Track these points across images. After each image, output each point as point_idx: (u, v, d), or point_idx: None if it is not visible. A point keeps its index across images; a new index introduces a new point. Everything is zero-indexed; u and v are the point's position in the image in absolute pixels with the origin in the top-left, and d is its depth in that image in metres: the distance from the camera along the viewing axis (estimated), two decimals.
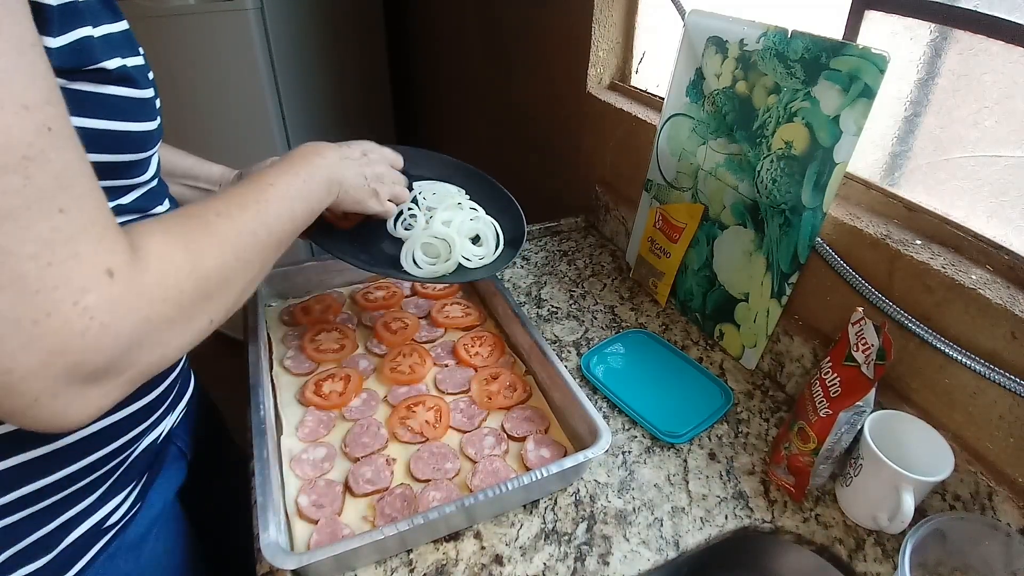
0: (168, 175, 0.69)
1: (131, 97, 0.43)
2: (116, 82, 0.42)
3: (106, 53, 0.40)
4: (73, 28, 0.38)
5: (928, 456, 0.56)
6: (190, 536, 0.64)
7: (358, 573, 0.54)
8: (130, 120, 0.43)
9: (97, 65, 0.40)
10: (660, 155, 0.89)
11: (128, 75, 0.43)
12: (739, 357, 0.81)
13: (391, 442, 0.65)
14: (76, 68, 0.39)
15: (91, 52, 0.39)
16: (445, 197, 0.74)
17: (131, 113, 0.43)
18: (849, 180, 0.70)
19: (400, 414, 0.67)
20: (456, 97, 1.83)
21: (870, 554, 0.57)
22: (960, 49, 0.59)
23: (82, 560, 0.50)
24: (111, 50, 0.41)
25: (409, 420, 0.67)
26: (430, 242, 0.70)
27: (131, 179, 0.47)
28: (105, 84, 0.41)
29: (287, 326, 0.82)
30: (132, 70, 0.43)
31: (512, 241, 0.73)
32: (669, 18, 0.93)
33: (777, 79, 0.68)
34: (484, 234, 0.73)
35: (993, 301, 0.53)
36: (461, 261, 0.69)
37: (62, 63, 0.37)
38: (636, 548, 0.57)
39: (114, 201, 0.46)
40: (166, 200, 0.54)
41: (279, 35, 1.62)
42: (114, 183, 0.46)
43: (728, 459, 0.67)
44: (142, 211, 0.49)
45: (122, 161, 0.45)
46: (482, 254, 0.71)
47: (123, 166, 0.45)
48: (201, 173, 0.71)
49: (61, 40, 0.37)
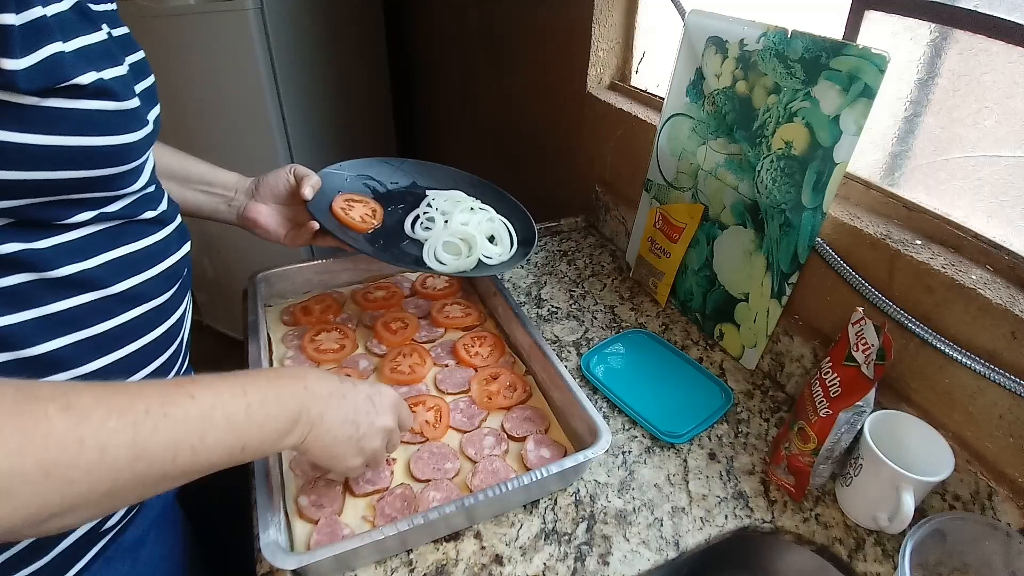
0: (183, 181, 0.69)
1: (110, 110, 0.42)
2: (93, 96, 0.40)
3: (79, 68, 0.39)
4: (41, 46, 0.37)
5: (928, 456, 0.56)
6: (188, 539, 0.63)
7: (358, 573, 0.54)
8: (109, 134, 0.42)
9: (70, 82, 0.38)
10: (660, 155, 0.89)
11: (106, 88, 0.41)
12: (739, 357, 0.81)
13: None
14: (47, 87, 0.37)
15: (62, 69, 0.38)
16: (458, 202, 0.78)
17: (110, 126, 0.42)
18: (849, 180, 0.70)
19: None
20: (456, 97, 1.83)
21: (870, 554, 0.57)
22: (960, 49, 0.59)
23: (78, 564, 0.49)
24: (86, 64, 0.40)
25: None
26: (451, 240, 0.74)
27: (117, 190, 0.46)
28: (80, 99, 0.39)
29: (287, 326, 0.82)
30: (111, 82, 0.41)
31: (524, 241, 0.78)
32: (669, 18, 0.93)
33: (777, 79, 0.68)
34: (499, 233, 0.78)
35: (993, 301, 0.53)
36: (481, 258, 0.74)
37: (30, 84, 0.36)
38: (636, 548, 0.57)
39: (97, 209, 0.45)
40: (160, 204, 0.53)
41: (279, 35, 1.62)
42: (96, 195, 0.44)
43: (728, 459, 0.67)
44: (130, 217, 0.48)
45: (103, 175, 0.43)
46: (499, 252, 0.76)
47: (105, 179, 0.44)
48: (216, 180, 0.71)
49: (27, 60, 0.36)
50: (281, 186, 0.72)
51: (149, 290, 0.50)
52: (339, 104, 1.90)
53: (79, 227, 0.44)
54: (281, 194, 0.73)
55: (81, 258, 0.44)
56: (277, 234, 0.73)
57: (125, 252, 0.48)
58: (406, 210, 0.79)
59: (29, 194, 0.40)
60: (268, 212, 0.73)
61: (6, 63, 0.35)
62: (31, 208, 0.40)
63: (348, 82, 1.92)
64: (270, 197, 0.73)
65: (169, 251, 0.53)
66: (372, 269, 0.92)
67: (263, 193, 0.72)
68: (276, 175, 0.72)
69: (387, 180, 0.83)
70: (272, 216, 0.73)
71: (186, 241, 0.56)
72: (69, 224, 0.44)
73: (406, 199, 0.81)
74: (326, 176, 0.75)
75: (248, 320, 0.76)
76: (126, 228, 0.48)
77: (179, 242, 0.55)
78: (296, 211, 0.74)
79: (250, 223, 0.72)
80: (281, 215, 0.73)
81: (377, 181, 0.82)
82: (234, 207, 0.72)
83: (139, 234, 0.49)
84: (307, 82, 1.76)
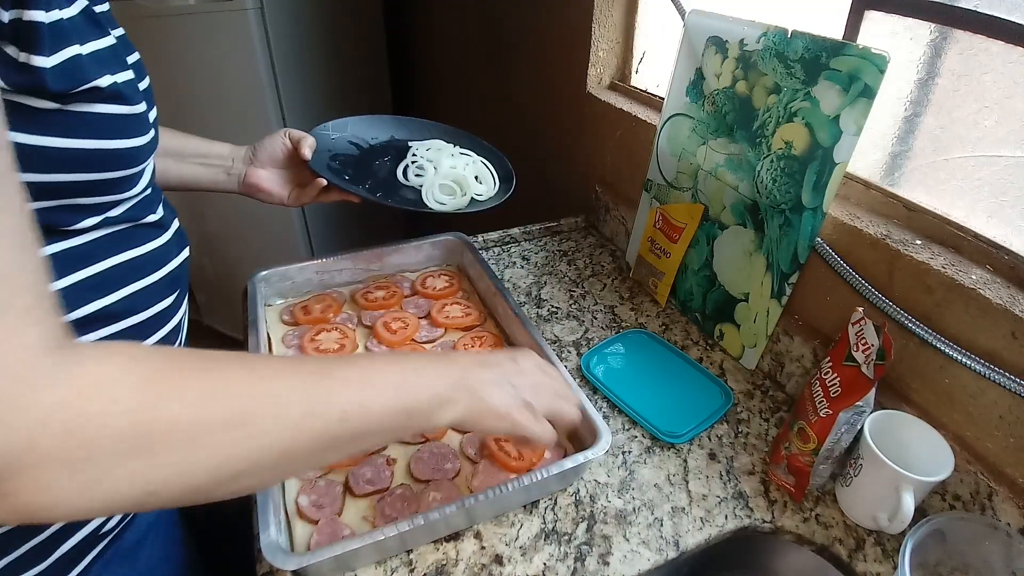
0: (179, 156, 0.70)
1: (123, 114, 0.42)
2: (108, 100, 0.41)
3: (97, 71, 0.40)
4: (63, 47, 0.37)
5: (928, 456, 0.56)
6: (187, 543, 0.63)
7: (358, 573, 0.54)
8: (122, 137, 0.43)
9: (90, 84, 0.39)
10: (660, 155, 0.89)
11: (120, 92, 0.42)
12: (739, 357, 0.81)
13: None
14: (69, 90, 0.38)
15: (83, 71, 0.39)
16: (440, 150, 0.84)
17: (123, 130, 0.43)
18: (849, 180, 0.70)
19: None
20: (456, 97, 1.83)
21: (870, 554, 0.57)
22: (960, 49, 0.59)
23: (77, 567, 0.49)
24: (101, 67, 0.40)
25: None
26: (445, 183, 0.79)
27: (121, 194, 0.46)
28: (97, 103, 0.40)
29: (287, 326, 0.82)
30: (123, 86, 0.42)
31: (504, 177, 0.84)
32: (669, 18, 0.93)
33: (777, 79, 0.68)
34: (482, 173, 0.83)
35: (993, 301, 0.53)
36: (473, 197, 0.79)
37: (56, 85, 0.37)
38: (636, 548, 0.57)
39: (102, 214, 0.45)
40: (159, 207, 0.53)
41: (279, 35, 1.62)
42: (103, 199, 0.45)
43: (728, 459, 0.67)
44: (132, 221, 0.49)
45: (113, 178, 0.44)
46: (486, 189, 0.81)
47: (113, 182, 0.44)
48: (211, 151, 0.73)
49: (53, 60, 0.36)
50: (278, 150, 0.74)
51: (150, 296, 0.50)
52: (339, 104, 1.90)
53: (86, 232, 0.45)
54: (279, 158, 0.75)
55: (85, 264, 0.45)
56: (280, 196, 0.76)
57: (129, 257, 0.48)
58: (393, 162, 0.84)
59: (42, 197, 0.40)
60: (269, 176, 0.75)
61: (36, 60, 0.35)
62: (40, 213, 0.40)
63: (348, 82, 1.92)
64: (268, 162, 0.75)
65: (170, 256, 0.53)
66: (372, 269, 0.92)
67: (261, 159, 0.74)
68: (272, 140, 0.74)
69: (368, 136, 0.88)
70: (273, 180, 0.76)
71: (185, 246, 0.57)
72: (76, 230, 0.44)
73: (389, 152, 0.86)
74: (315, 136, 0.79)
75: (248, 320, 0.76)
76: (130, 232, 0.49)
77: (179, 247, 0.55)
78: (295, 173, 0.77)
79: (253, 189, 0.75)
80: (282, 178, 0.76)
81: (359, 139, 0.87)
82: (233, 175, 0.74)
83: (142, 239, 0.50)
84: (307, 82, 1.76)
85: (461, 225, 0.96)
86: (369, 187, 0.78)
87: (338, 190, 0.74)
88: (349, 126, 0.87)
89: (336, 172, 0.77)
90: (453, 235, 0.95)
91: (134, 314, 0.49)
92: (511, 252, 1.05)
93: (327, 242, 1.99)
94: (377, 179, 0.80)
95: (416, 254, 0.94)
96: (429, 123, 0.92)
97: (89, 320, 0.45)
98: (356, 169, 0.81)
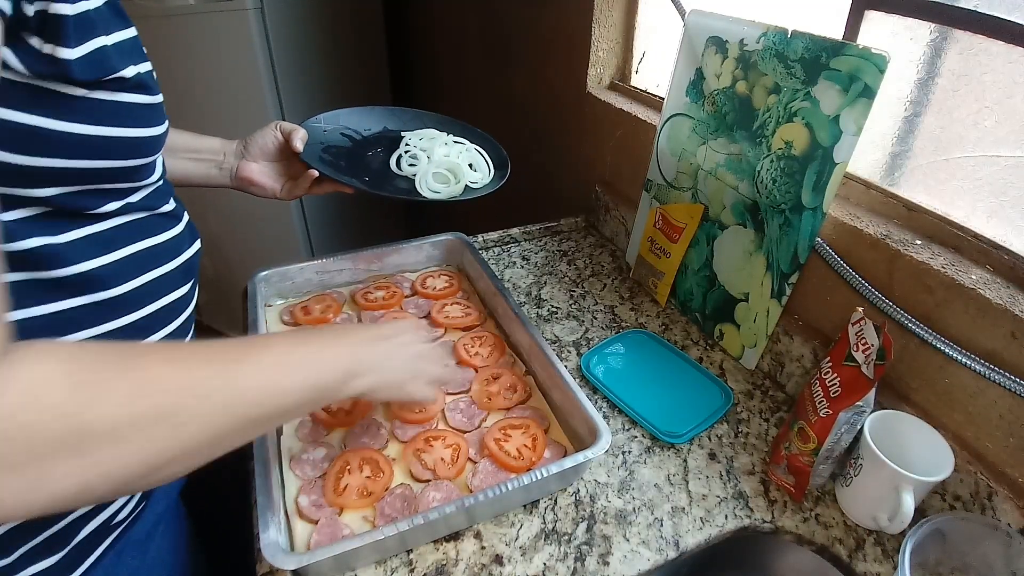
0: (170, 151, 0.70)
1: (146, 103, 0.44)
2: (133, 89, 0.42)
3: (122, 61, 0.41)
4: (89, 38, 0.38)
5: (928, 456, 0.56)
6: (193, 535, 0.64)
7: (358, 573, 0.54)
8: (145, 126, 0.44)
9: (117, 74, 0.40)
10: (660, 155, 0.89)
11: (143, 82, 0.43)
12: (739, 357, 0.81)
13: (391, 442, 0.65)
14: (96, 79, 0.39)
15: (109, 61, 0.40)
16: (433, 139, 0.83)
17: (145, 119, 0.44)
18: (849, 180, 0.70)
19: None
20: (456, 97, 1.83)
21: (870, 554, 0.57)
22: (960, 49, 0.59)
23: (91, 556, 0.50)
24: (125, 58, 0.42)
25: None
26: (438, 172, 0.79)
27: (140, 181, 0.48)
28: (123, 92, 0.41)
29: (287, 326, 0.82)
30: (145, 76, 0.44)
31: (499, 164, 0.83)
32: (669, 18, 0.93)
33: (777, 79, 0.68)
34: (476, 160, 0.83)
35: (993, 301, 0.53)
36: (468, 184, 0.79)
37: (82, 74, 0.38)
38: (636, 548, 0.57)
39: (122, 200, 0.47)
40: (171, 199, 0.54)
41: (279, 35, 1.62)
42: (124, 185, 0.46)
43: (728, 459, 0.67)
44: (150, 209, 0.50)
45: (134, 165, 0.45)
46: (480, 177, 0.81)
47: (133, 169, 0.46)
48: (202, 146, 0.73)
49: (78, 51, 0.37)
50: (270, 143, 0.74)
51: (166, 284, 0.51)
52: (339, 104, 1.89)
53: (108, 217, 0.46)
54: (271, 151, 0.75)
55: (109, 250, 0.46)
56: (273, 189, 0.76)
57: (149, 244, 0.49)
58: (385, 152, 0.84)
59: (69, 182, 0.41)
60: (261, 170, 0.75)
61: (62, 52, 0.36)
62: (67, 197, 0.42)
63: (348, 82, 1.92)
64: (260, 155, 0.75)
65: (184, 246, 0.54)
66: (372, 269, 0.92)
67: (253, 152, 0.74)
68: (263, 134, 0.74)
69: (361, 128, 0.88)
70: (265, 173, 0.75)
71: (197, 238, 0.58)
72: (99, 214, 0.45)
73: (382, 142, 0.86)
74: (307, 128, 0.79)
75: (248, 320, 0.76)
76: (148, 221, 0.50)
77: (191, 238, 0.57)
78: (287, 165, 0.76)
79: (245, 182, 0.74)
80: (274, 171, 0.76)
81: (352, 130, 0.87)
82: (225, 170, 0.74)
83: (159, 227, 0.51)
84: (307, 82, 1.76)
85: (461, 224, 0.96)
86: (362, 178, 0.78)
87: (331, 181, 0.74)
88: (341, 118, 0.86)
89: (328, 163, 0.76)
90: (453, 235, 0.95)
91: (152, 301, 0.50)
92: (511, 252, 1.05)
93: (327, 242, 1.99)
94: (370, 170, 0.80)
95: (416, 254, 0.94)
96: (422, 113, 0.91)
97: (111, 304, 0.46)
98: (349, 160, 0.80)
